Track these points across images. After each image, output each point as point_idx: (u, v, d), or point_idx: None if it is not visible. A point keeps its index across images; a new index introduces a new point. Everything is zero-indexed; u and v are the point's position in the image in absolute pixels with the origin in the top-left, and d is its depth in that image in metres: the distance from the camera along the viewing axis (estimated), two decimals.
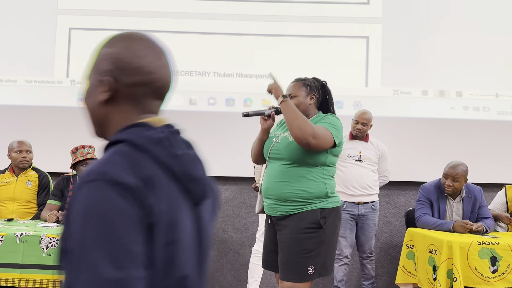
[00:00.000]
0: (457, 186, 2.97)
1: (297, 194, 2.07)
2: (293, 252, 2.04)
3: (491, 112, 3.95)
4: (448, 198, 3.06)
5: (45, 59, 3.93)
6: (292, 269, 2.04)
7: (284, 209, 2.09)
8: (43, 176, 3.28)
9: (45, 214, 2.93)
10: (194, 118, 3.91)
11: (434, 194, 3.06)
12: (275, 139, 2.19)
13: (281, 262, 2.08)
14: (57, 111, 3.91)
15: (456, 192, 3.03)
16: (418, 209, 3.06)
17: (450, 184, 2.96)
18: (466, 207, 3.02)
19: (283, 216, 2.10)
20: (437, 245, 2.53)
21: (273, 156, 2.16)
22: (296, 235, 2.04)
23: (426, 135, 3.88)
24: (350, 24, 3.97)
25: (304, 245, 2.02)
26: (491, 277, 2.38)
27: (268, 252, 2.21)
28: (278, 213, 2.12)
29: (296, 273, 2.02)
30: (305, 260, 2.01)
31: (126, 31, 0.98)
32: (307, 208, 2.06)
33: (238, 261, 3.89)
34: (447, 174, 2.99)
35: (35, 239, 2.42)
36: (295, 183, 2.07)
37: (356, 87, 3.95)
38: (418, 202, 3.09)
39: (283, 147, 2.12)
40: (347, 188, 3.27)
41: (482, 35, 3.96)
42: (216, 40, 3.96)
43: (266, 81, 3.89)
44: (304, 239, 2.03)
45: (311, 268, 2.01)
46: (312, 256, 2.02)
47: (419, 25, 3.95)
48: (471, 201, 3.02)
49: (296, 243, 2.03)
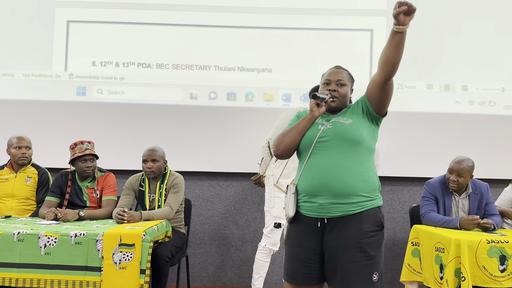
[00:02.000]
0: (462, 182, 2.91)
1: (359, 188, 1.84)
2: (357, 259, 1.82)
3: (497, 107, 3.89)
4: (454, 194, 3.00)
5: (43, 53, 3.87)
6: (356, 278, 1.82)
7: (344, 208, 1.84)
8: (42, 173, 3.23)
9: (43, 211, 2.88)
10: (195, 113, 3.85)
11: (439, 190, 3.00)
12: (322, 126, 1.94)
13: (337, 271, 1.85)
14: (55, 106, 3.85)
15: (461, 188, 2.97)
16: (423, 206, 3.00)
17: (454, 180, 2.90)
18: (472, 203, 2.95)
19: (338, 217, 1.85)
20: (444, 243, 2.48)
21: (322, 145, 1.89)
22: (360, 239, 1.83)
23: (431, 130, 3.82)
24: (354, 16, 3.90)
25: (368, 250, 1.83)
26: (500, 276, 2.33)
27: (306, 262, 1.90)
28: (336, 213, 1.85)
29: (361, 281, 1.83)
30: (370, 266, 1.83)
31: None
32: (368, 206, 1.86)
33: (240, 257, 3.84)
34: (452, 169, 2.93)
35: (33, 237, 2.36)
36: (356, 174, 1.85)
37: (360, 80, 3.86)
38: (423, 198, 3.03)
39: (341, 131, 1.89)
40: None
41: (489, 28, 3.88)
42: (217, 34, 3.89)
43: (268, 75, 3.84)
44: (368, 243, 1.83)
45: (375, 275, 1.84)
46: (376, 261, 1.84)
47: (424, 18, 3.87)
48: (478, 198, 2.96)
49: (360, 248, 1.82)
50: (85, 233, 2.37)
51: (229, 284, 3.85)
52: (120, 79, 3.88)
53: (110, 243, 2.33)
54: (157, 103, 3.86)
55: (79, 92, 3.88)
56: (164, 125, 3.84)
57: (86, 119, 3.84)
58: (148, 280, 2.34)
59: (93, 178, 3.06)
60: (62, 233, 2.38)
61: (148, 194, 3.02)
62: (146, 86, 3.87)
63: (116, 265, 2.31)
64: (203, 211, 3.91)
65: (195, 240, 3.87)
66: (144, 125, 3.85)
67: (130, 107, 3.86)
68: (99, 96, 3.88)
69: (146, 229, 2.43)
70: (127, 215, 2.69)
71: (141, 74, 3.87)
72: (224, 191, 3.91)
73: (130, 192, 3.04)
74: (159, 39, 3.89)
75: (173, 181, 3.02)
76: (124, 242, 2.33)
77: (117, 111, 3.85)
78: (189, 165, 3.81)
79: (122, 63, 3.89)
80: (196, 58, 3.88)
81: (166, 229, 2.82)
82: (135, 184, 3.06)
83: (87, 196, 3.03)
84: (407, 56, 3.82)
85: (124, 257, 2.32)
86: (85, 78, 3.88)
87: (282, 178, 3.08)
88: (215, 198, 3.92)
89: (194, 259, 3.85)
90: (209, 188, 3.92)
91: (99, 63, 3.89)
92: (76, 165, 3.01)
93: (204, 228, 3.90)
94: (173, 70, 3.89)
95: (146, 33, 3.89)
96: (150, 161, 2.99)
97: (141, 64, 3.89)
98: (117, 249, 2.32)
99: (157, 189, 3.01)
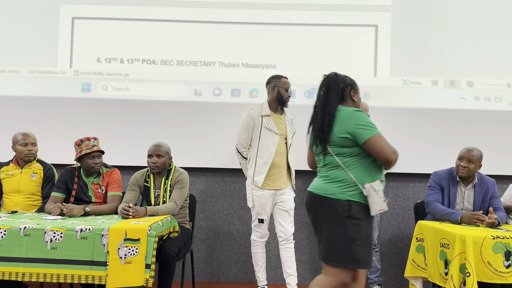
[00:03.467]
0: (472, 169, 2.92)
1: None
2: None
3: (502, 103, 3.86)
4: (460, 184, 3.00)
5: (48, 49, 3.88)
6: None
7: None
8: (48, 169, 3.24)
9: (49, 207, 2.89)
10: (199, 109, 3.85)
11: (445, 180, 3.02)
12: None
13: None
14: (60, 102, 3.86)
15: (470, 176, 2.97)
16: (428, 195, 3.03)
17: (465, 166, 2.92)
18: (477, 195, 2.95)
19: None
20: (449, 239, 2.47)
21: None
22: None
23: (436, 126, 3.81)
24: (358, 12, 3.88)
25: None
26: (505, 272, 2.32)
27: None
28: None
29: None
30: None
31: None
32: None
33: (245, 253, 3.85)
34: (462, 156, 2.96)
35: (39, 232, 2.38)
36: None
37: (365, 77, 3.87)
38: (429, 188, 3.07)
39: None
40: None
41: (494, 24, 3.86)
42: (221, 30, 3.89)
43: (272, 71, 3.83)
44: None
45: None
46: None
47: (428, 14, 3.85)
48: (483, 190, 2.96)
49: None
50: (91, 228, 2.38)
51: (234, 279, 3.86)
52: (124, 76, 3.89)
53: (116, 238, 2.34)
54: (162, 99, 3.86)
55: (84, 88, 3.90)
56: (168, 122, 3.85)
57: (91, 115, 3.86)
58: (153, 274, 2.36)
59: (99, 174, 3.07)
60: (68, 228, 2.39)
61: (153, 189, 3.03)
62: (150, 82, 3.88)
63: (121, 260, 2.33)
64: (208, 207, 3.92)
65: (200, 236, 3.89)
66: (149, 122, 3.86)
67: (134, 104, 3.87)
68: (104, 92, 3.89)
69: (151, 224, 2.45)
70: (132, 210, 2.70)
71: (145, 71, 3.88)
72: (228, 187, 3.92)
73: (135, 188, 3.05)
74: (164, 36, 3.89)
75: (177, 177, 3.03)
76: (130, 237, 2.34)
77: (122, 107, 3.87)
78: (194, 161, 3.82)
79: (126, 59, 3.90)
80: (201, 54, 3.88)
81: (172, 224, 2.83)
82: (140, 180, 3.07)
83: (93, 192, 3.04)
84: (411, 52, 3.85)
85: (130, 251, 2.33)
86: (90, 74, 3.89)
87: (256, 176, 3.18)
88: (220, 194, 3.92)
89: (199, 255, 3.87)
90: (213, 184, 3.93)
91: (104, 60, 3.90)
92: (83, 161, 3.02)
93: (208, 224, 3.91)
94: (177, 66, 3.89)
95: (151, 29, 3.89)
96: (155, 156, 3.00)
97: (145, 60, 3.90)
98: (122, 244, 2.34)
99: (162, 184, 3.02)
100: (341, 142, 2.11)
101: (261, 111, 3.21)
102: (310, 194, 2.21)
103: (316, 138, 2.19)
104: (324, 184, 2.15)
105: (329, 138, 2.13)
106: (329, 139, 2.13)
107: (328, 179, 2.15)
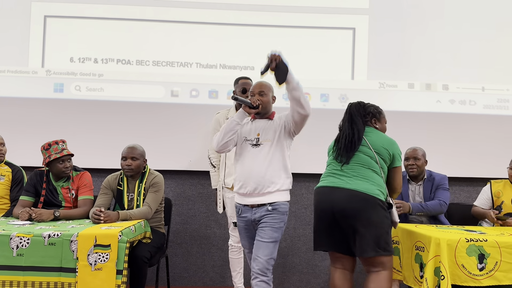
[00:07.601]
0: (420, 165, 3.19)
1: None
2: None
3: (477, 106, 3.92)
4: (410, 182, 3.23)
5: (19, 48, 3.76)
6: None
7: None
8: (16, 171, 3.14)
9: (17, 211, 2.79)
10: (176, 110, 3.79)
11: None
12: None
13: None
14: (31, 103, 3.75)
15: (420, 173, 3.20)
16: None
17: (413, 163, 3.19)
18: (426, 189, 3.18)
19: None
20: (424, 242, 2.48)
21: None
22: None
23: (411, 129, 3.84)
24: (336, 15, 3.89)
25: None
26: (479, 275, 2.33)
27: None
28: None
29: None
30: None
31: None
32: None
33: (222, 257, 3.80)
34: (408, 157, 3.22)
35: (5, 238, 2.29)
36: None
37: (342, 79, 3.87)
38: None
39: None
40: None
41: (469, 28, 3.91)
42: (198, 30, 3.84)
43: (251, 72, 3.79)
44: None
45: None
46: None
47: (405, 17, 3.88)
48: (431, 184, 3.18)
49: None
50: (59, 234, 2.30)
51: (210, 284, 3.81)
52: (98, 76, 3.80)
53: (85, 244, 2.27)
54: (137, 100, 3.79)
55: (57, 89, 3.79)
56: (144, 123, 3.78)
57: (63, 116, 3.75)
58: (125, 280, 2.29)
59: (68, 177, 2.98)
60: (35, 233, 2.31)
61: (126, 193, 2.95)
62: (125, 83, 3.79)
63: (91, 266, 2.25)
64: (184, 210, 3.85)
65: (176, 240, 3.82)
66: (124, 123, 3.77)
67: (109, 105, 3.78)
68: (77, 93, 3.79)
69: (122, 230, 2.38)
70: (104, 215, 2.62)
71: (120, 71, 3.79)
72: (206, 190, 3.86)
73: (108, 192, 2.97)
74: (139, 35, 3.82)
75: (152, 180, 2.96)
76: (100, 243, 2.27)
77: (95, 108, 3.77)
78: (170, 164, 3.75)
79: (101, 59, 3.81)
80: (177, 55, 3.82)
81: (145, 229, 2.76)
82: (113, 183, 2.99)
83: (62, 196, 2.94)
84: (388, 55, 3.86)
85: (100, 258, 2.26)
86: (63, 74, 3.79)
87: (226, 177, 3.17)
88: (197, 197, 3.86)
89: (175, 259, 3.80)
90: (190, 187, 3.87)
91: (77, 59, 3.80)
92: (53, 166, 2.90)
93: (185, 228, 3.84)
94: (153, 66, 3.82)
95: (126, 28, 3.81)
96: (130, 158, 2.93)
97: (120, 60, 3.82)
98: (92, 250, 2.26)
99: (136, 188, 2.95)
100: (382, 152, 2.40)
101: (227, 115, 3.20)
102: (348, 192, 2.32)
103: (343, 149, 2.41)
104: (363, 183, 2.33)
105: (360, 144, 2.40)
106: (359, 144, 2.40)
107: (363, 178, 2.35)
